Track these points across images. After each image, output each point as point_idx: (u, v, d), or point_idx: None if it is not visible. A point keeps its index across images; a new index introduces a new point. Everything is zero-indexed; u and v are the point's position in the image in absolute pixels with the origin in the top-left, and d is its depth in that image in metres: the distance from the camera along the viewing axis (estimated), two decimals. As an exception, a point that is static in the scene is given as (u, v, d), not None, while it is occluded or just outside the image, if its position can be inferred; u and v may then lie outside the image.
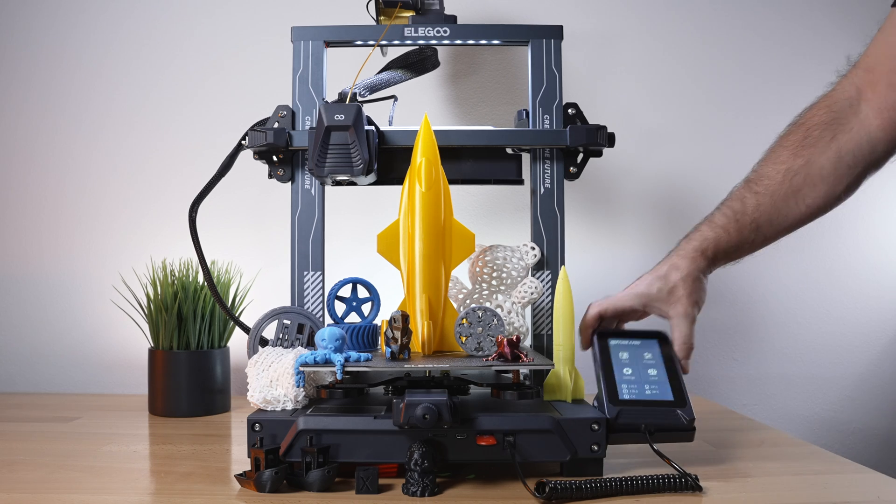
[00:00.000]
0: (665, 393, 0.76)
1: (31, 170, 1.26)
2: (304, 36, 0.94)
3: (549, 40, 0.94)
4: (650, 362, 0.79)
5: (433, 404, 0.66)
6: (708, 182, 1.27)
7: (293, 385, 0.75)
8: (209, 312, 1.06)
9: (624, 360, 0.79)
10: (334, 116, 0.83)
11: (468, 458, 0.70)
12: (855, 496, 0.68)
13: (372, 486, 0.67)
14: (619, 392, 0.75)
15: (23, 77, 1.27)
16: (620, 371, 0.78)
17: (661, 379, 0.77)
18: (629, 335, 0.83)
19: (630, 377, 0.77)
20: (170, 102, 1.26)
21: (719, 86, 1.29)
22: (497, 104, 1.26)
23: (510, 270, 0.89)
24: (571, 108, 0.93)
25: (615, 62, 1.27)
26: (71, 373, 1.25)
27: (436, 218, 0.81)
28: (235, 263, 1.14)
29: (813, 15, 1.29)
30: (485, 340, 0.76)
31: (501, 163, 0.93)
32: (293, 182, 0.91)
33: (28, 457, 0.81)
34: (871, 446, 1.29)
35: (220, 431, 0.95)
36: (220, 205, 1.13)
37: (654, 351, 0.81)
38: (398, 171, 0.90)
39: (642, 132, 1.27)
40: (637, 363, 0.79)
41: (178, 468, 0.77)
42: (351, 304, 0.90)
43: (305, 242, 0.90)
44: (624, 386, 0.76)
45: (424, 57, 1.05)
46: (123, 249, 1.24)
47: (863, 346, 1.29)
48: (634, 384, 0.77)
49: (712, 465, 0.78)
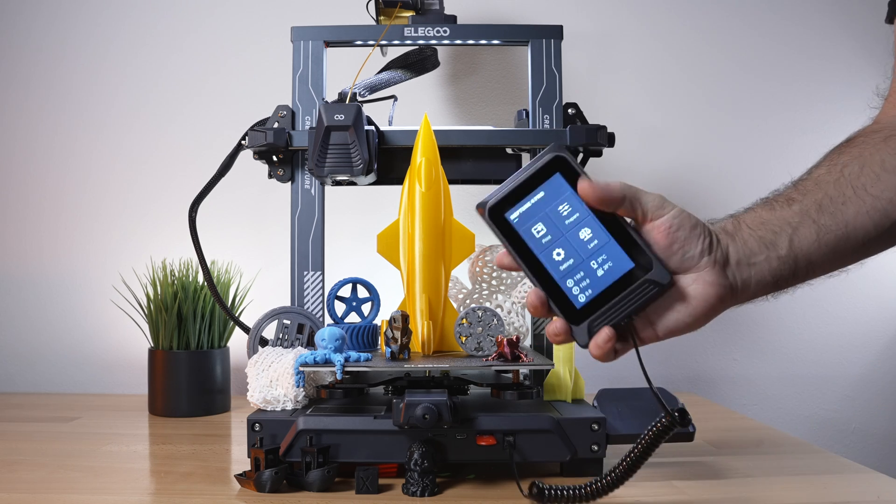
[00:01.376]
0: (619, 258, 0.53)
1: (31, 170, 1.26)
2: (304, 36, 0.94)
3: (549, 40, 0.94)
4: (574, 217, 0.54)
5: (433, 404, 0.66)
6: (708, 182, 1.28)
7: (293, 385, 0.75)
8: (209, 312, 1.06)
9: (545, 239, 0.53)
10: (334, 116, 0.83)
11: (468, 458, 0.70)
12: (855, 496, 0.68)
13: (372, 486, 0.67)
14: (570, 298, 0.53)
15: (23, 77, 1.27)
16: (551, 260, 0.53)
17: (600, 238, 0.53)
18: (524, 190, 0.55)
19: (567, 262, 0.53)
20: (170, 102, 1.26)
21: (719, 86, 1.29)
22: (497, 104, 1.26)
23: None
24: (571, 108, 0.93)
25: (615, 62, 1.27)
26: (71, 373, 1.25)
27: (436, 218, 0.81)
28: (235, 263, 1.14)
29: (813, 14, 1.29)
30: (485, 340, 0.76)
31: (501, 163, 0.93)
32: (293, 182, 0.91)
33: (28, 457, 0.81)
34: (871, 446, 1.29)
35: (220, 431, 0.95)
36: (220, 205, 1.13)
37: (567, 195, 0.54)
38: (398, 171, 0.90)
39: (642, 132, 1.27)
40: (561, 231, 0.53)
41: (178, 468, 0.77)
42: (351, 304, 0.90)
43: (305, 242, 0.90)
44: (570, 283, 0.53)
45: (424, 57, 1.05)
46: (123, 249, 1.24)
47: (863, 346, 1.29)
48: (579, 270, 0.53)
49: (712, 465, 0.78)
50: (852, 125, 0.76)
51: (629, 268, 0.52)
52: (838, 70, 1.29)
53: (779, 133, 1.29)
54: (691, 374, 1.26)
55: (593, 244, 0.53)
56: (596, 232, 0.53)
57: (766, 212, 0.61)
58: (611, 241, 0.53)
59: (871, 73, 1.29)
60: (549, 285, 0.53)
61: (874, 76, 1.30)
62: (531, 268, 0.53)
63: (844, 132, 0.75)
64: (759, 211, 0.61)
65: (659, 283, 0.52)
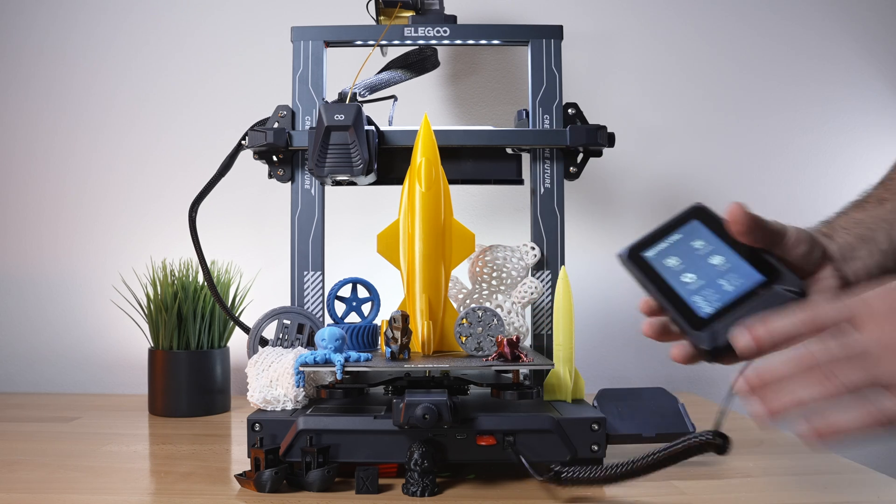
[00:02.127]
0: (750, 275, 0.55)
1: (32, 170, 1.26)
2: (304, 36, 0.94)
3: (549, 40, 0.94)
4: (708, 249, 0.57)
5: (433, 404, 0.66)
6: (708, 182, 1.27)
7: (293, 385, 0.75)
8: (209, 312, 1.06)
9: (677, 268, 0.57)
10: (334, 116, 0.83)
11: (468, 458, 0.70)
12: (855, 496, 0.68)
13: (372, 486, 0.67)
14: (694, 310, 0.54)
15: (23, 77, 1.27)
16: (680, 282, 0.56)
17: (733, 262, 0.56)
18: (662, 234, 0.60)
19: (697, 282, 0.56)
20: (170, 102, 1.26)
21: (719, 86, 1.29)
22: (497, 104, 1.26)
23: (510, 270, 0.89)
24: (571, 108, 0.93)
25: (615, 62, 1.28)
26: (71, 373, 1.25)
27: (436, 218, 0.81)
28: (235, 263, 1.14)
29: (813, 14, 1.29)
30: (485, 340, 0.76)
31: (501, 163, 0.93)
32: (293, 182, 0.91)
33: (28, 457, 0.81)
34: (870, 446, 1.29)
35: (220, 431, 0.95)
36: (220, 205, 1.13)
37: (703, 234, 0.58)
38: (398, 171, 0.90)
39: (642, 132, 1.27)
40: (694, 261, 0.57)
41: (178, 468, 0.77)
42: (351, 304, 0.90)
43: (305, 242, 0.91)
44: (697, 298, 0.55)
45: (424, 57, 1.05)
46: (123, 249, 1.24)
47: (863, 346, 1.29)
48: (708, 288, 0.55)
49: (712, 465, 0.78)
50: (852, 125, 0.76)
51: (759, 279, 0.54)
52: (838, 70, 1.29)
53: (779, 133, 1.29)
54: (691, 374, 1.26)
55: (723, 267, 0.56)
56: (728, 257, 0.56)
57: (858, 213, 0.63)
58: (741, 262, 0.55)
59: (871, 74, 1.29)
60: (675, 304, 0.55)
61: (874, 76, 1.30)
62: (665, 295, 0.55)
63: (844, 132, 0.75)
64: (851, 213, 0.63)
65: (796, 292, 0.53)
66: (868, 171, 1.32)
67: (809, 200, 1.28)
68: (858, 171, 1.28)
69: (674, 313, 0.54)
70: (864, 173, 1.28)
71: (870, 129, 1.28)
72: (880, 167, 0.78)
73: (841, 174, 1.28)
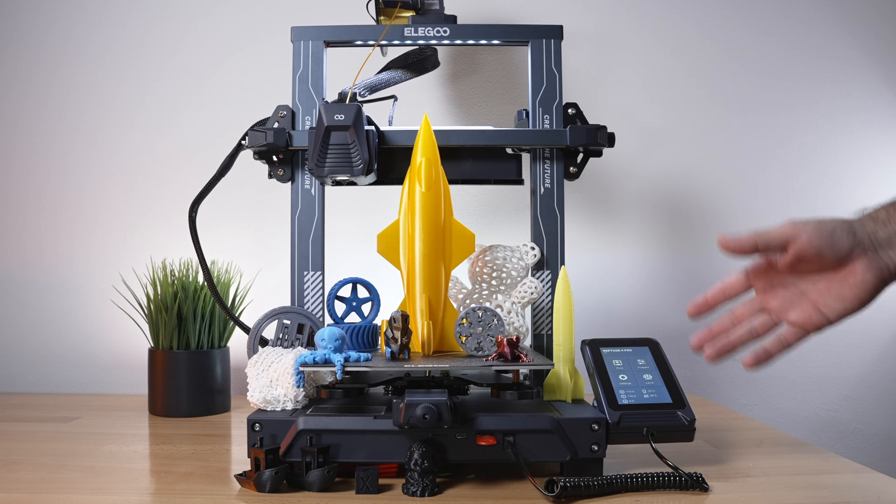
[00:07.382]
0: (663, 396, 0.76)
1: (31, 170, 1.26)
2: (304, 36, 0.94)
3: (549, 40, 0.94)
4: (644, 368, 0.80)
5: (433, 404, 0.66)
6: (708, 182, 1.28)
7: (293, 385, 0.75)
8: (209, 312, 1.06)
9: (618, 367, 0.80)
10: (334, 116, 0.83)
11: (468, 458, 0.70)
12: (855, 496, 0.68)
13: (372, 486, 0.67)
14: (617, 397, 0.76)
15: (23, 77, 1.27)
16: (616, 377, 0.78)
17: (656, 383, 0.78)
18: (620, 343, 0.84)
19: (626, 382, 0.78)
20: (170, 102, 1.26)
21: (720, 85, 1.29)
22: (497, 104, 1.26)
23: (510, 270, 0.89)
24: (571, 108, 0.93)
25: (615, 62, 1.28)
26: (71, 373, 1.25)
27: (436, 218, 0.81)
28: (235, 263, 1.14)
29: (814, 13, 1.29)
30: (485, 340, 0.76)
31: (501, 163, 0.93)
32: (293, 182, 0.91)
33: (28, 457, 0.81)
34: (870, 446, 1.29)
35: (220, 431, 0.95)
36: (220, 205, 1.13)
37: (646, 357, 0.81)
38: (398, 171, 0.90)
39: (642, 132, 1.27)
40: (631, 369, 0.80)
41: (178, 468, 0.77)
42: (351, 304, 0.90)
43: (305, 242, 0.91)
44: (622, 391, 0.77)
45: (424, 57, 1.05)
46: (123, 249, 1.24)
47: (863, 346, 1.29)
48: (632, 389, 0.77)
49: (712, 465, 0.78)
50: (852, 125, 0.76)
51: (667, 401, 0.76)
52: (839, 69, 1.29)
53: (779, 132, 1.29)
54: (691, 374, 1.26)
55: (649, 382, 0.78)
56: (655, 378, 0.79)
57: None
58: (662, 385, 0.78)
59: (872, 73, 1.29)
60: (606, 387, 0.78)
61: (875, 75, 1.30)
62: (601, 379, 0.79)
63: (845, 132, 0.76)
64: (889, 209, 0.68)
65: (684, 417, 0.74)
66: (868, 171, 1.33)
67: (810, 200, 1.28)
68: (858, 170, 1.28)
69: (601, 388, 0.76)
70: (863, 173, 1.29)
71: (870, 129, 1.28)
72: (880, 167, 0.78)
73: (841, 174, 1.28)
